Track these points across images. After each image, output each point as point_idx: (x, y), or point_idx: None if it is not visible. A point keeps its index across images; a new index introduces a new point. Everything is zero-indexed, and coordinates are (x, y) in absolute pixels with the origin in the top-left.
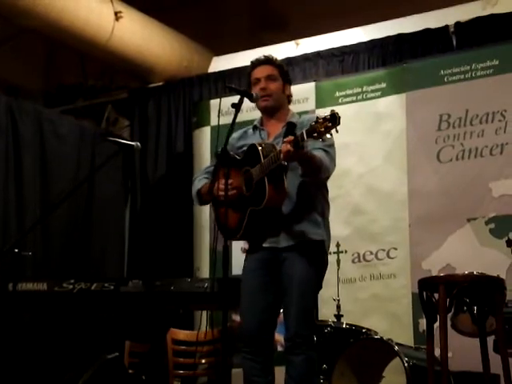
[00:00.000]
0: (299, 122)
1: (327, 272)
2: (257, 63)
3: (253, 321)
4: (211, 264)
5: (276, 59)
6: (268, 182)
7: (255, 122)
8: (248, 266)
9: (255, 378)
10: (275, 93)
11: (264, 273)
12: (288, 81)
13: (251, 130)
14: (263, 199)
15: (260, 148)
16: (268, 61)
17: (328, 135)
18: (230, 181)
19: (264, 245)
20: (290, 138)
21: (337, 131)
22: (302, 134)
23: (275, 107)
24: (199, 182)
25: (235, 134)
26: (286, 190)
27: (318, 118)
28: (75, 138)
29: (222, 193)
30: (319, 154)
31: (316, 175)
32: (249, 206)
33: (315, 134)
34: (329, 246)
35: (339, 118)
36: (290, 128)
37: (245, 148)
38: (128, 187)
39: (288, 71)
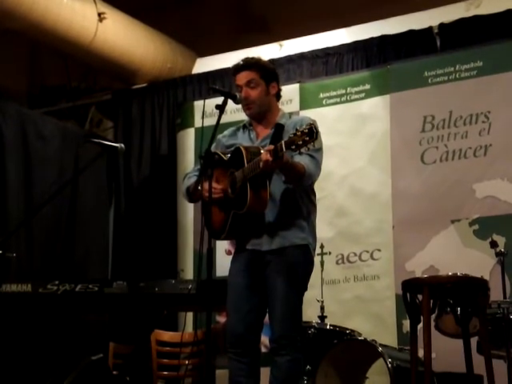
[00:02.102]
0: (287, 124)
1: (311, 273)
2: (236, 69)
3: (239, 322)
4: (195, 266)
5: (255, 61)
6: (250, 188)
7: (245, 122)
8: (234, 267)
9: (241, 379)
10: (257, 100)
11: (249, 274)
12: (272, 79)
13: (241, 130)
14: (245, 204)
15: (244, 152)
16: (246, 66)
17: (305, 148)
18: (214, 184)
19: (247, 247)
20: (270, 147)
21: (314, 145)
22: (282, 144)
23: (260, 113)
24: (188, 180)
25: (226, 132)
26: (267, 197)
27: (297, 130)
28: (59, 140)
29: (207, 194)
30: (304, 160)
31: (298, 182)
32: (232, 208)
33: (293, 147)
34: (314, 249)
35: (316, 132)
36: (278, 130)
37: (234, 147)
38: (112, 189)
39: (271, 68)
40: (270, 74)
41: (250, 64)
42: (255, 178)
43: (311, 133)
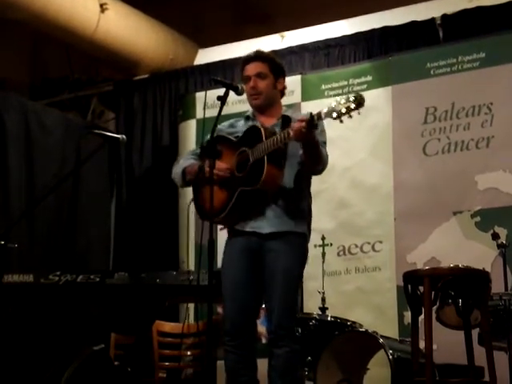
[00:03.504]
0: (293, 117)
1: (312, 265)
2: (247, 60)
3: (238, 312)
4: (197, 257)
5: (267, 54)
6: (267, 163)
7: (248, 113)
8: (229, 253)
9: (242, 371)
10: (265, 91)
11: (246, 260)
12: (280, 74)
13: (243, 121)
14: (259, 179)
15: (263, 130)
16: (257, 57)
17: (346, 117)
18: (221, 164)
19: (247, 229)
20: (303, 117)
21: (359, 113)
22: (320, 113)
23: (266, 105)
24: (185, 161)
25: (225, 123)
26: (282, 176)
27: (339, 98)
28: (61, 131)
29: (215, 174)
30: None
31: (316, 165)
32: (239, 186)
33: (334, 115)
34: (308, 241)
35: (364, 100)
36: (286, 121)
37: (236, 135)
38: (113, 180)
39: (280, 64)
40: (279, 69)
41: (261, 56)
42: (273, 154)
43: (359, 100)
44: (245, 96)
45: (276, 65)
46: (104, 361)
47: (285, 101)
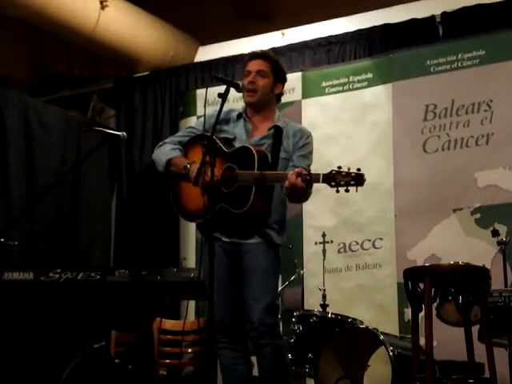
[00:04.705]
0: (286, 130)
1: (313, 262)
2: (252, 56)
3: (227, 312)
4: (197, 254)
5: (272, 56)
6: (255, 194)
7: (240, 110)
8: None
9: (238, 367)
10: (261, 89)
11: (230, 263)
12: (281, 79)
13: (235, 117)
14: (243, 206)
15: (256, 156)
16: (262, 55)
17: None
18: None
19: (224, 239)
20: (302, 170)
21: (356, 190)
22: (319, 177)
23: (259, 104)
24: (172, 152)
25: (220, 115)
26: (269, 207)
27: (340, 168)
28: (61, 128)
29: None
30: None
31: (299, 202)
32: (221, 201)
33: (333, 183)
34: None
35: (364, 180)
36: (277, 134)
37: (225, 134)
38: (114, 177)
39: (283, 70)
40: (281, 73)
41: (266, 55)
42: (261, 186)
43: (359, 179)
44: None
45: (279, 68)
46: (104, 358)
47: (285, 98)
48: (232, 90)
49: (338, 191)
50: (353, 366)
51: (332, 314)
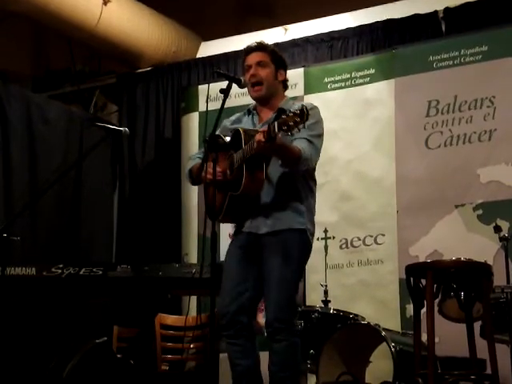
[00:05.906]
0: (289, 109)
1: (315, 258)
2: (248, 50)
3: (230, 302)
4: (199, 250)
5: (268, 45)
6: (246, 169)
7: (250, 106)
8: (230, 250)
9: (238, 361)
10: (265, 80)
11: (245, 257)
12: (282, 66)
13: (246, 114)
14: (240, 186)
15: (243, 134)
16: (259, 47)
17: (297, 129)
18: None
19: (244, 230)
20: (264, 128)
21: (304, 127)
22: (274, 125)
23: (267, 96)
24: (192, 162)
25: (232, 117)
26: (262, 179)
27: (289, 111)
28: (63, 123)
29: (209, 176)
30: (301, 144)
31: (294, 166)
32: (229, 189)
33: (285, 127)
34: (312, 235)
35: (307, 113)
36: (280, 115)
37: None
38: (116, 172)
39: (281, 56)
40: (280, 60)
41: (262, 46)
42: (251, 159)
43: (302, 114)
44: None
45: (277, 56)
46: (107, 353)
47: (288, 94)
48: (234, 85)
49: (292, 134)
50: (354, 361)
51: (334, 309)
